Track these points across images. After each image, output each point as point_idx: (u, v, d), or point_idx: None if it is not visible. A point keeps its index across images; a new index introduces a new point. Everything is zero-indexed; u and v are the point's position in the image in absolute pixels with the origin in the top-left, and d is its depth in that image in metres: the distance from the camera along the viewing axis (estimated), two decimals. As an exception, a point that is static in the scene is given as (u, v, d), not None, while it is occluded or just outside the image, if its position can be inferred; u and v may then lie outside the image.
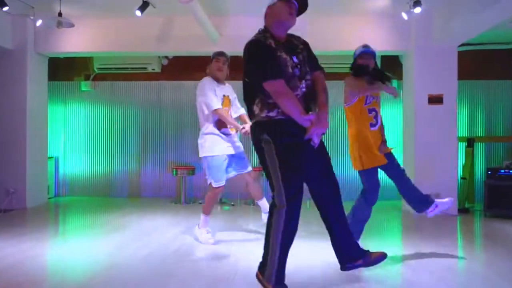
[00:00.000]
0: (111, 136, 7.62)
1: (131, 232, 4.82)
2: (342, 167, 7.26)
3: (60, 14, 5.44)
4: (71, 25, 5.51)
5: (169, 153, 7.51)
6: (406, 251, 4.12)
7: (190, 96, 4.18)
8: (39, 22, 5.77)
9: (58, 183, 7.58)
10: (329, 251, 2.93)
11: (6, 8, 5.34)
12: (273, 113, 2.59)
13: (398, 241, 4.77)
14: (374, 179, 3.65)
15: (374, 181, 3.65)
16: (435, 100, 5.94)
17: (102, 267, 3.52)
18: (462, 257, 3.90)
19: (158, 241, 4.37)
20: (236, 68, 3.72)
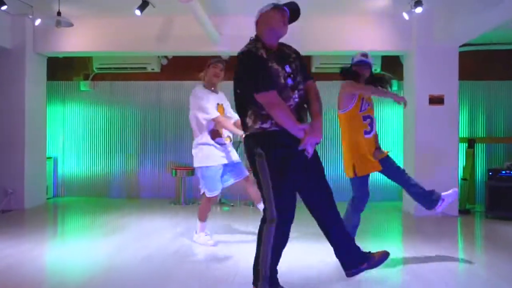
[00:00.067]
0: (110, 136, 7.58)
1: (130, 233, 4.79)
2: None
3: (59, 14, 5.41)
4: (70, 24, 5.48)
5: (168, 154, 7.47)
6: (406, 252, 4.11)
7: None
8: (38, 22, 5.73)
9: (56, 183, 7.54)
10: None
11: (4, 7, 5.31)
12: (266, 124, 2.58)
13: (398, 242, 4.75)
14: (364, 187, 3.65)
15: (364, 190, 3.64)
16: (436, 100, 5.91)
17: (101, 268, 3.50)
18: (463, 259, 3.89)
19: (158, 242, 4.34)
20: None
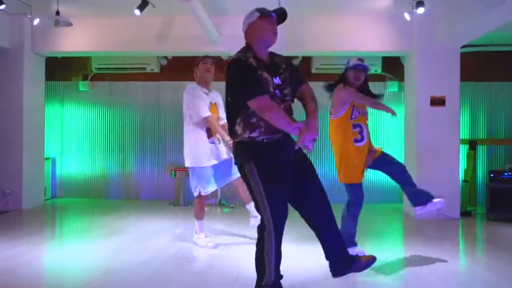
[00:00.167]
0: (109, 137, 7.54)
1: (129, 235, 4.75)
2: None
3: (57, 13, 5.37)
4: (69, 24, 5.45)
5: (167, 155, 7.43)
6: (407, 254, 4.10)
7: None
8: (36, 21, 5.69)
9: (55, 184, 7.49)
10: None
11: (3, 7, 5.26)
12: (255, 133, 2.59)
13: (399, 243, 4.74)
14: (358, 192, 3.63)
15: (358, 194, 3.63)
16: (437, 102, 5.88)
17: (99, 271, 3.46)
18: (464, 261, 3.87)
19: (157, 245, 4.30)
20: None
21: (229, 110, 2.72)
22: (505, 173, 5.80)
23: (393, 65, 7.03)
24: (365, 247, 3.85)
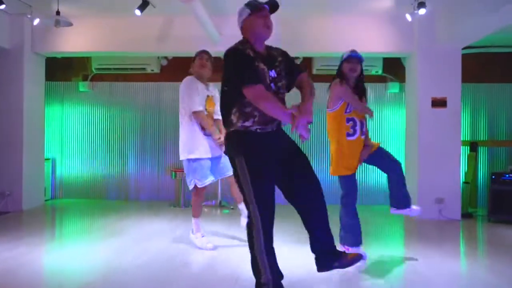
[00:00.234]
0: (109, 137, 7.52)
1: (129, 237, 4.73)
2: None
3: (58, 13, 5.35)
4: (69, 24, 5.43)
5: (168, 156, 7.40)
6: (408, 255, 4.08)
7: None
8: (36, 21, 5.67)
9: (55, 185, 7.47)
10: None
11: (3, 7, 5.24)
12: (249, 122, 2.62)
13: (400, 245, 4.73)
14: (348, 184, 3.64)
15: (348, 187, 3.64)
16: (438, 103, 5.87)
17: (99, 273, 3.45)
18: (465, 262, 3.87)
19: (157, 246, 4.27)
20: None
21: (225, 100, 2.72)
22: (507, 175, 5.80)
23: (394, 66, 7.02)
24: (366, 248, 3.83)
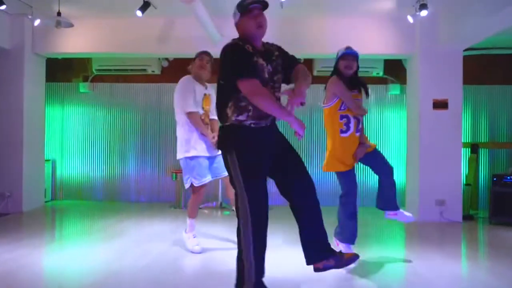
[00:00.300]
0: (109, 139, 7.50)
1: (129, 239, 4.71)
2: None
3: (59, 14, 5.35)
4: (70, 25, 5.42)
5: (168, 157, 7.38)
6: (408, 257, 4.07)
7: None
8: (37, 22, 5.66)
9: (55, 186, 7.45)
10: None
11: (3, 7, 5.23)
12: (243, 116, 2.62)
13: (401, 247, 4.72)
14: (346, 180, 3.64)
15: (347, 182, 3.63)
16: (439, 105, 5.85)
17: (100, 275, 3.43)
18: (466, 264, 3.87)
19: (157, 249, 4.26)
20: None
21: (221, 94, 2.72)
22: (508, 177, 5.78)
23: (395, 68, 7.01)
24: (367, 250, 3.83)
